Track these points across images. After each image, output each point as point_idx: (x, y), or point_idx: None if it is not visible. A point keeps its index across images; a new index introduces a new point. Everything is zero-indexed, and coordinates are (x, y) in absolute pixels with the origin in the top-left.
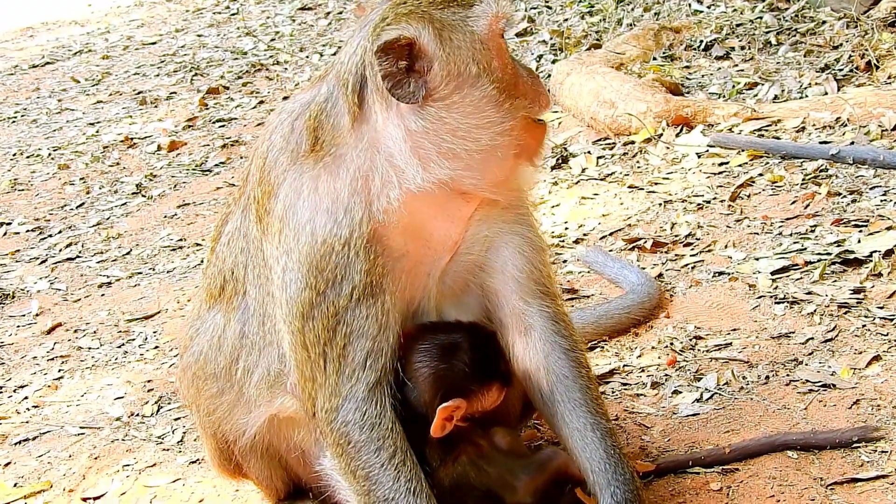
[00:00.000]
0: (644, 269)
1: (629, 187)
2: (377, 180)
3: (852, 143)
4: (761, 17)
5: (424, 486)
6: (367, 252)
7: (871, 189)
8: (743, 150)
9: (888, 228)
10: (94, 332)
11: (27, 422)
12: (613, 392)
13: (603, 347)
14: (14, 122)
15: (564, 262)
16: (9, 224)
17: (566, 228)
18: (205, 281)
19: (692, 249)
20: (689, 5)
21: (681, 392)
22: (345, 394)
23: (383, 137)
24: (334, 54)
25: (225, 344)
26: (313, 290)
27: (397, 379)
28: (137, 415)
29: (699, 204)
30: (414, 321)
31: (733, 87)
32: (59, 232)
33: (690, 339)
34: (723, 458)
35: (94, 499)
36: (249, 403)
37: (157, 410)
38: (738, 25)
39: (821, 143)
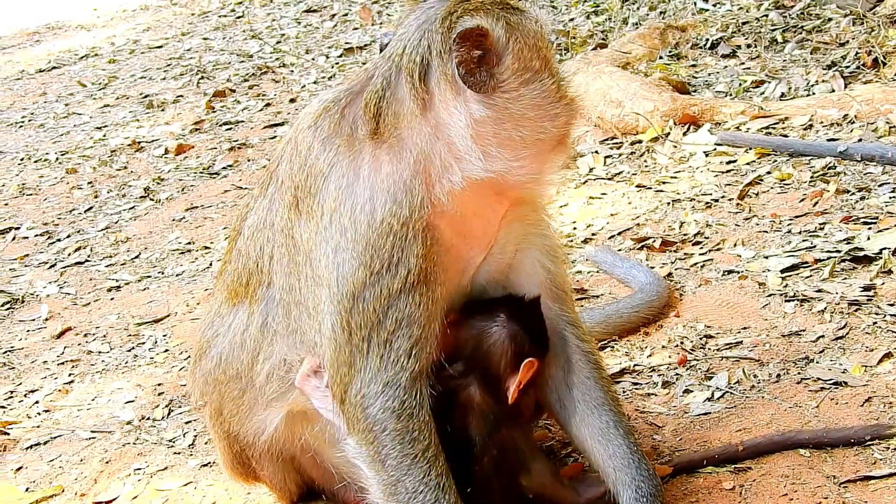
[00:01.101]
0: (653, 268)
1: (637, 186)
2: (438, 165)
3: (860, 140)
4: (767, 15)
5: (452, 483)
6: (424, 237)
7: (879, 186)
8: (750, 149)
9: None
10: (104, 336)
11: (38, 426)
12: (624, 392)
13: (613, 347)
14: (21, 126)
15: (573, 262)
16: (17, 229)
17: (574, 228)
18: (225, 280)
19: (701, 248)
20: (695, 4)
21: (692, 391)
22: (386, 380)
23: (445, 125)
24: (341, 56)
25: (248, 340)
26: (368, 269)
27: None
28: (148, 418)
29: (707, 202)
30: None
31: (740, 85)
32: (68, 236)
33: (701, 338)
34: (736, 457)
35: (106, 503)
36: (267, 397)
37: (168, 414)
38: (744, 23)
39: (828, 140)
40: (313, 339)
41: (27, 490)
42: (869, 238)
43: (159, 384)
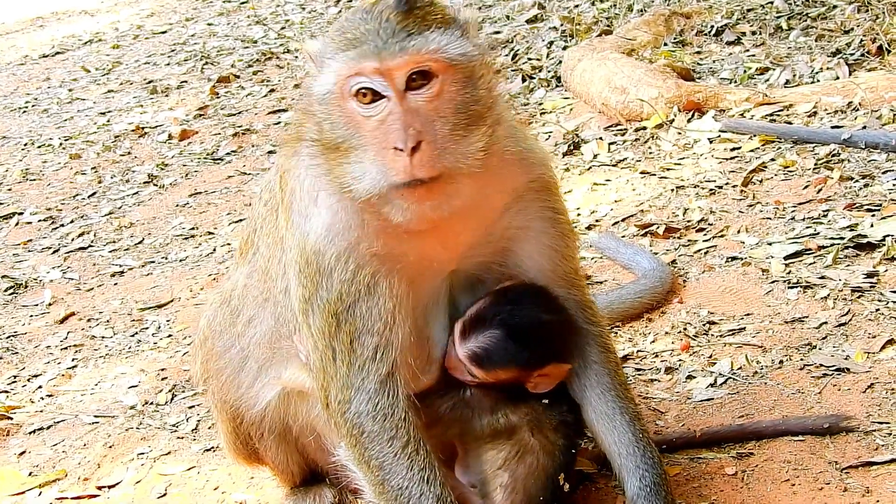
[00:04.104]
0: (656, 254)
1: (641, 173)
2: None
3: (864, 127)
4: (772, 2)
5: (438, 474)
6: (346, 261)
7: (883, 173)
8: (755, 136)
9: None
10: (108, 321)
11: (41, 411)
12: (628, 377)
13: (616, 333)
14: (25, 112)
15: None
16: (21, 214)
17: (578, 214)
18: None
19: (705, 235)
20: None
21: (695, 377)
22: (357, 385)
23: None
24: None
25: (233, 297)
26: (305, 288)
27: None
28: (151, 403)
29: (711, 189)
30: (426, 316)
31: (745, 72)
32: (72, 221)
33: (704, 325)
34: (693, 442)
35: (109, 487)
36: (258, 361)
37: (171, 399)
38: (749, 10)
39: (833, 127)
40: (288, 317)
41: (30, 474)
42: (872, 225)
43: (162, 369)
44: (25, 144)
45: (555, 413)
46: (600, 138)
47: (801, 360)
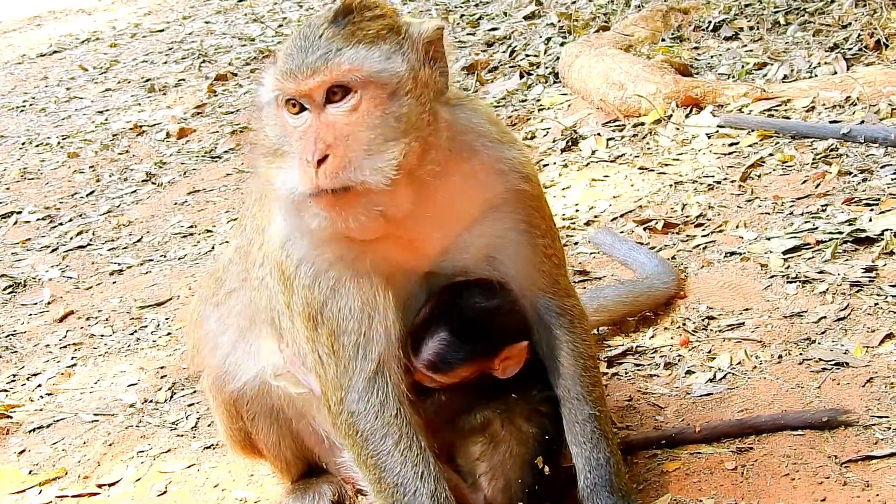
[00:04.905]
0: (654, 248)
1: (639, 169)
2: None
3: (862, 122)
4: None
5: (433, 469)
6: (304, 267)
7: (881, 168)
8: (753, 131)
9: None
10: (107, 320)
11: (41, 409)
12: (627, 373)
13: (617, 328)
14: (22, 110)
15: (576, 244)
16: (19, 213)
17: (577, 210)
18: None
19: (703, 230)
20: None
21: (694, 372)
22: (346, 386)
23: None
24: None
25: (218, 269)
26: (283, 294)
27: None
28: (151, 401)
29: (710, 185)
30: (402, 317)
31: (742, 67)
32: (70, 220)
33: (703, 320)
34: (692, 438)
35: (109, 485)
36: (234, 333)
37: (171, 396)
38: (746, 6)
39: (831, 122)
40: (261, 305)
41: (30, 473)
42: (871, 220)
43: (162, 367)
44: (23, 143)
45: (527, 404)
46: (598, 134)
47: (801, 354)
